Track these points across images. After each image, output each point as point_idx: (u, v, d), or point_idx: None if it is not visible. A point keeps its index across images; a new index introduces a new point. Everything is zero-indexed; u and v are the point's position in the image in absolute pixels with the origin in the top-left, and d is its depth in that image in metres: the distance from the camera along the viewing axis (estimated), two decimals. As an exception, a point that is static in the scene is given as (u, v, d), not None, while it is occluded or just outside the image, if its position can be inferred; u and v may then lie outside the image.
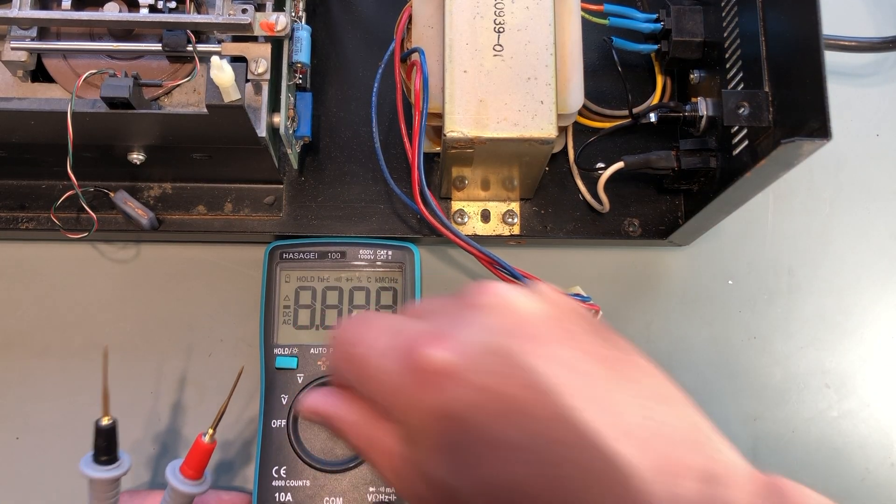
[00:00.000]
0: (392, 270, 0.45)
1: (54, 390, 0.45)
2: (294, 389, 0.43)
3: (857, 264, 0.48)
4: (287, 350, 0.44)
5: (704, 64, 0.43)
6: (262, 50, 0.39)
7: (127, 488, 0.43)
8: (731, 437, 0.46)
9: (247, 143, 0.39)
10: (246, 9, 0.38)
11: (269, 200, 0.45)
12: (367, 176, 0.46)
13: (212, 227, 0.45)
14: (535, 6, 0.39)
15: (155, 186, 0.45)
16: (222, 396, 0.37)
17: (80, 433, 0.44)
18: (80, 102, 0.36)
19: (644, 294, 0.48)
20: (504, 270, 0.41)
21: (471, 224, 0.46)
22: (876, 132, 0.51)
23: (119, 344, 0.46)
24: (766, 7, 0.36)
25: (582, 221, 0.46)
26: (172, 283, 0.47)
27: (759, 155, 0.34)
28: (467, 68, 0.38)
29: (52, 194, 0.44)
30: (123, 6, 0.40)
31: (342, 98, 0.47)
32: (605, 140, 0.47)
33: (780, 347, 0.47)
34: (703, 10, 0.43)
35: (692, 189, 0.44)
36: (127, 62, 0.41)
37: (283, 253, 0.45)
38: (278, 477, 0.42)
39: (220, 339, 0.46)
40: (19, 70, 0.40)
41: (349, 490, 0.42)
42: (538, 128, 0.37)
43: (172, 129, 0.38)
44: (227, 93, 0.34)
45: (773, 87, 0.35)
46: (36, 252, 0.47)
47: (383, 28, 0.49)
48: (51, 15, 0.38)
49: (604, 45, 0.45)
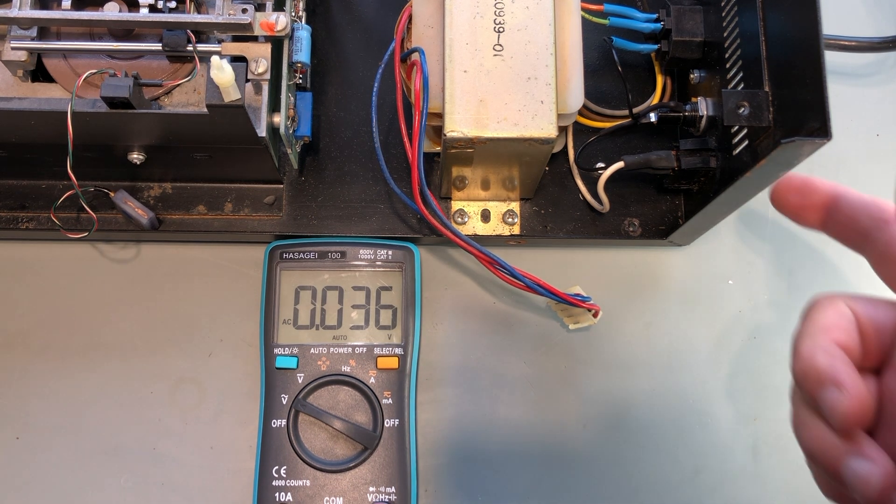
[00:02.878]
0: (392, 270, 0.45)
1: (54, 390, 0.45)
2: (294, 389, 0.43)
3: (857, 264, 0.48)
4: (287, 350, 0.44)
5: (704, 64, 0.43)
6: (262, 50, 0.39)
7: (123, 494, 0.43)
8: (731, 437, 0.47)
9: (247, 143, 0.39)
10: (246, 9, 0.38)
11: (269, 200, 0.45)
12: (367, 176, 0.46)
13: (212, 227, 0.45)
14: (535, 6, 0.39)
15: (155, 186, 0.45)
16: (222, 396, 0.36)
17: (80, 433, 0.44)
18: (80, 102, 0.36)
19: (644, 294, 0.48)
20: (504, 270, 0.41)
21: (471, 224, 0.46)
22: (876, 132, 0.51)
23: (119, 344, 0.46)
24: (766, 7, 0.36)
25: (582, 221, 0.46)
26: (172, 283, 0.47)
27: (759, 155, 0.34)
28: (467, 68, 0.38)
29: (52, 194, 0.44)
30: (123, 6, 0.40)
31: (342, 98, 0.47)
32: (605, 140, 0.47)
33: (780, 347, 0.47)
34: (703, 10, 0.42)
35: (692, 189, 0.44)
36: (127, 62, 0.41)
37: (283, 253, 0.45)
38: (278, 477, 0.42)
39: (220, 339, 0.46)
40: (19, 70, 0.40)
41: (349, 490, 0.42)
42: (538, 128, 0.37)
43: (172, 129, 0.38)
44: (227, 93, 0.34)
45: (773, 87, 0.35)
46: (36, 252, 0.47)
47: (383, 28, 0.49)
48: (51, 15, 0.38)
49: (604, 45, 0.45)
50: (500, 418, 0.45)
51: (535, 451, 0.45)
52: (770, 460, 0.45)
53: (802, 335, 0.29)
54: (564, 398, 0.46)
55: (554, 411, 0.45)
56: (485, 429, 0.45)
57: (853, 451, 0.27)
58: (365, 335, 0.44)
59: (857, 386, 0.27)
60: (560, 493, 0.44)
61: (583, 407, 0.46)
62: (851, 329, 0.29)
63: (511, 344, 0.46)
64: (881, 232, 0.29)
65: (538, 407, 0.45)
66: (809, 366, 0.28)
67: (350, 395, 0.43)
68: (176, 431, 0.44)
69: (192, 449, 0.44)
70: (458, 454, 0.45)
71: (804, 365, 0.28)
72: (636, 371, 0.46)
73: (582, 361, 0.46)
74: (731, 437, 0.46)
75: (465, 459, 0.45)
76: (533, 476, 0.44)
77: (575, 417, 0.45)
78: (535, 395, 0.46)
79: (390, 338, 0.44)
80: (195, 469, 0.44)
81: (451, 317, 0.47)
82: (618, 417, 0.45)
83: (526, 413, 0.45)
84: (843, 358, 0.27)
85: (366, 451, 0.42)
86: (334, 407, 0.43)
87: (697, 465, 0.45)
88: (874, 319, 0.29)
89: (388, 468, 0.42)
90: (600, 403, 0.46)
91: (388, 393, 0.43)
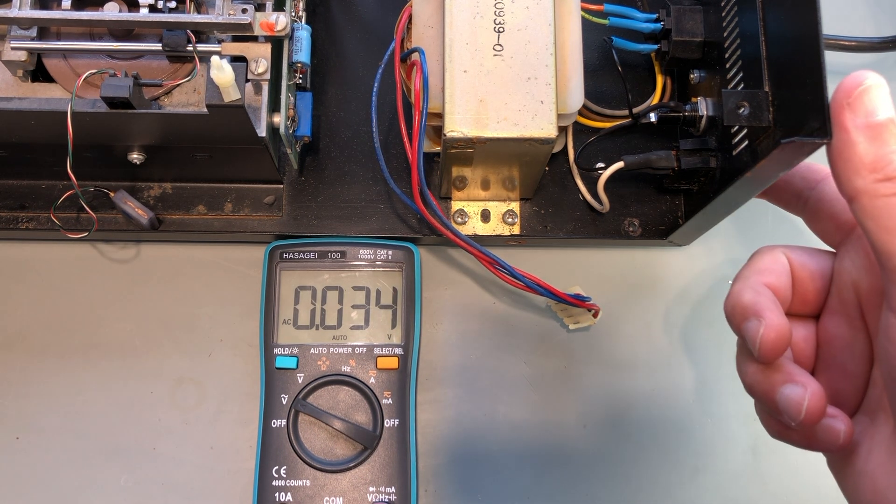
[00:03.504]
0: (392, 270, 0.45)
1: (54, 390, 0.45)
2: (294, 389, 0.43)
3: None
4: (287, 350, 0.44)
5: (704, 64, 0.43)
6: (262, 50, 0.39)
7: (123, 494, 0.43)
8: (731, 437, 0.47)
9: (247, 143, 0.39)
10: (246, 9, 0.38)
11: (269, 200, 0.45)
12: (367, 176, 0.46)
13: (212, 227, 0.45)
14: (535, 6, 0.39)
15: (155, 186, 0.45)
16: (222, 396, 0.37)
17: (80, 433, 0.44)
18: (80, 102, 0.36)
19: (644, 294, 0.48)
20: (504, 270, 0.41)
21: (471, 224, 0.46)
22: (876, 132, 0.51)
23: (119, 344, 0.46)
24: (766, 7, 0.36)
25: (582, 221, 0.46)
26: (172, 283, 0.47)
27: (759, 155, 0.34)
28: (467, 68, 0.38)
29: (52, 194, 0.44)
30: (123, 6, 0.40)
31: (342, 98, 0.47)
32: (605, 140, 0.47)
33: (780, 347, 0.47)
34: (703, 10, 0.42)
35: (692, 189, 0.44)
36: (127, 62, 0.41)
37: (283, 253, 0.45)
38: (278, 477, 0.42)
39: (220, 339, 0.46)
40: (19, 70, 0.40)
41: (349, 490, 0.42)
42: (538, 128, 0.37)
43: (172, 129, 0.38)
44: (227, 93, 0.34)
45: (773, 87, 0.35)
46: (36, 252, 0.47)
47: (383, 28, 0.49)
48: (51, 15, 0.38)
49: (604, 45, 0.45)
50: (500, 418, 0.45)
51: (535, 451, 0.45)
52: (770, 460, 0.45)
53: (737, 277, 0.32)
54: (564, 398, 0.46)
55: (554, 411, 0.45)
56: (485, 429, 0.45)
57: (784, 380, 0.29)
58: (365, 335, 0.44)
59: (774, 318, 0.29)
60: (560, 493, 0.44)
61: (583, 407, 0.46)
62: (783, 273, 0.31)
63: (511, 344, 0.46)
64: (813, 191, 0.33)
65: (538, 407, 0.45)
66: (736, 301, 0.30)
67: (350, 395, 0.43)
68: (176, 431, 0.44)
69: (192, 449, 0.44)
70: (458, 454, 0.45)
71: (732, 300, 0.31)
72: (636, 371, 0.46)
73: (582, 361, 0.46)
74: (731, 437, 0.46)
75: (465, 459, 0.45)
76: (533, 476, 0.44)
77: (575, 417, 0.45)
78: (535, 395, 0.46)
79: (390, 338, 0.44)
80: (195, 469, 0.44)
81: (451, 317, 0.47)
82: (618, 417, 0.45)
83: (526, 413, 0.45)
84: (768, 296, 0.30)
85: (366, 451, 0.42)
86: (334, 407, 0.43)
87: (697, 465, 0.45)
88: (809, 266, 0.32)
89: (388, 468, 0.42)
90: (600, 403, 0.46)
91: (388, 393, 0.43)
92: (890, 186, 0.25)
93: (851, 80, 0.27)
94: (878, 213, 0.25)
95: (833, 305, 0.31)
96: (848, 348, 0.31)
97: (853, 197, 0.26)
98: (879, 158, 0.26)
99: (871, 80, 0.26)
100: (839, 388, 0.31)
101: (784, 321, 0.29)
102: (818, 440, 0.29)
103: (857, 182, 0.26)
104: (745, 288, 0.30)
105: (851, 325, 0.31)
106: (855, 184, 0.26)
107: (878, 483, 0.28)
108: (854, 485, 0.29)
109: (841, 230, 0.32)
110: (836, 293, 0.31)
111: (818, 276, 0.32)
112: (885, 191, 0.25)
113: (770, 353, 0.29)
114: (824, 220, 0.32)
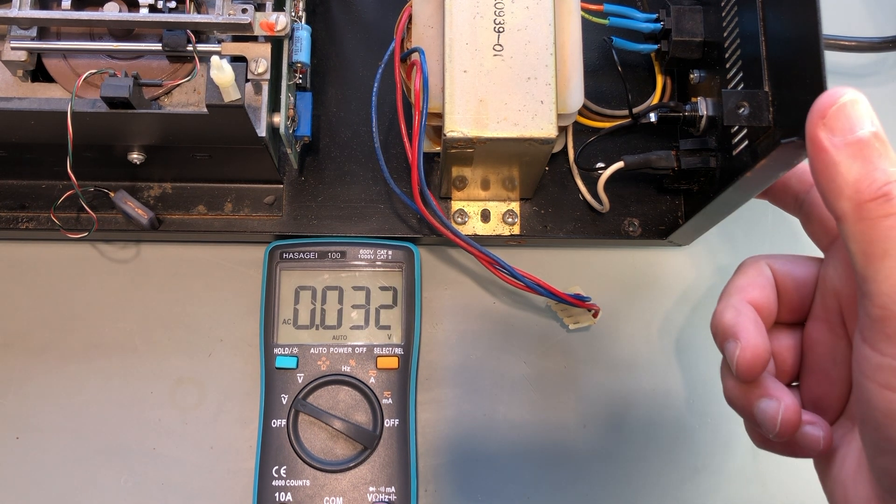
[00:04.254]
0: (392, 270, 0.45)
1: (54, 390, 0.45)
2: (294, 389, 0.43)
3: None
4: (287, 350, 0.44)
5: (704, 64, 0.43)
6: (262, 50, 0.39)
7: (123, 494, 0.43)
8: (730, 437, 0.47)
9: (247, 143, 0.39)
10: (246, 9, 0.38)
11: (269, 200, 0.45)
12: (367, 176, 0.46)
13: (212, 227, 0.45)
14: (535, 6, 0.39)
15: (155, 186, 0.45)
16: (222, 396, 0.37)
17: (80, 433, 0.44)
18: (80, 102, 0.36)
19: (644, 294, 0.48)
20: (504, 270, 0.41)
21: (471, 224, 0.46)
22: (876, 132, 0.51)
23: (119, 344, 0.46)
24: (766, 7, 0.36)
25: (582, 221, 0.46)
26: (172, 283, 0.47)
27: (759, 155, 0.34)
28: (467, 68, 0.38)
29: (52, 194, 0.44)
30: (123, 6, 0.40)
31: (342, 98, 0.47)
32: (605, 140, 0.47)
33: (780, 347, 0.47)
34: (703, 10, 0.42)
35: (692, 189, 0.44)
36: (127, 62, 0.41)
37: (283, 253, 0.45)
38: (278, 477, 0.42)
39: (220, 339, 0.46)
40: (19, 70, 0.40)
41: (349, 490, 0.42)
42: (538, 128, 0.37)
43: (172, 129, 0.38)
44: (227, 93, 0.34)
45: (773, 87, 0.35)
46: (36, 252, 0.47)
47: (383, 28, 0.49)
48: (51, 15, 0.38)
49: (604, 45, 0.45)
50: (500, 418, 0.45)
51: (535, 451, 0.45)
52: (770, 460, 0.45)
53: (722, 295, 0.32)
54: (564, 398, 0.46)
55: (554, 411, 0.45)
56: (485, 429, 0.45)
57: (760, 395, 0.30)
58: (365, 335, 0.44)
59: (752, 339, 0.29)
60: (560, 493, 0.44)
61: (583, 407, 0.46)
62: (767, 286, 0.32)
63: (511, 344, 0.46)
64: (808, 194, 0.33)
65: (538, 407, 0.45)
66: (718, 321, 0.31)
67: (350, 395, 0.43)
68: (176, 431, 0.44)
69: (192, 449, 0.44)
70: (458, 454, 0.45)
71: (715, 321, 0.31)
72: (636, 371, 0.46)
73: (582, 361, 0.46)
74: (730, 438, 0.46)
75: (465, 459, 0.45)
76: (533, 476, 0.44)
77: (575, 417, 0.45)
78: (535, 395, 0.46)
79: (390, 338, 0.44)
80: (195, 469, 0.44)
81: (451, 317, 0.47)
82: (618, 417, 0.45)
83: (526, 413, 0.45)
84: (749, 315, 0.30)
85: (366, 451, 0.42)
86: (334, 407, 0.43)
87: (697, 465, 0.45)
88: (792, 275, 0.32)
89: (388, 468, 0.42)
90: (600, 403, 0.46)
91: (388, 393, 0.43)
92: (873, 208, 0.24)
93: (826, 97, 0.25)
94: (860, 238, 0.24)
95: (817, 312, 0.32)
96: (830, 354, 0.31)
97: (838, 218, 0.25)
98: (862, 178, 0.24)
99: (848, 95, 0.25)
100: (822, 392, 0.31)
101: (761, 342, 0.29)
102: (800, 447, 0.30)
103: (842, 204, 0.24)
104: (727, 307, 0.31)
105: (833, 332, 0.31)
106: (839, 206, 0.24)
107: (849, 493, 0.28)
108: (831, 491, 0.30)
109: (828, 235, 0.32)
110: (820, 300, 0.31)
111: (803, 285, 0.32)
112: (868, 214, 0.24)
113: (747, 374, 0.29)
114: (815, 223, 0.32)
